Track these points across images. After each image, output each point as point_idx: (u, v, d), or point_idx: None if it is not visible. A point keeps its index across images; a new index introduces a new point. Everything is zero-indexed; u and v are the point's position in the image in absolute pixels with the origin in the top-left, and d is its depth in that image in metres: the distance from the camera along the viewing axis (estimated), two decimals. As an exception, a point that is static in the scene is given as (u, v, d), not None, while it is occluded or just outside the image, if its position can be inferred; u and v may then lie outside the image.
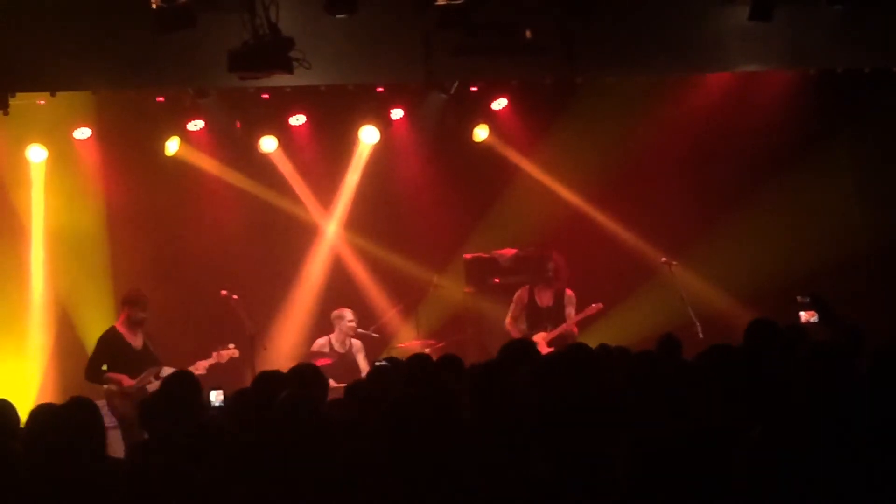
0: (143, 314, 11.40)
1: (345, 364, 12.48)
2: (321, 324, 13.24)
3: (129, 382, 11.13)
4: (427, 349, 12.02)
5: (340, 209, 14.05)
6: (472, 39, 10.81)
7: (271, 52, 9.78)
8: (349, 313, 12.77)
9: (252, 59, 9.84)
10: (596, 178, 13.99)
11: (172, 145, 12.89)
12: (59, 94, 11.45)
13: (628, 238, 14.14)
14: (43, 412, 5.66)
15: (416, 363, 7.54)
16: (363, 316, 13.27)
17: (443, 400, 5.77)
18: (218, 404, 8.33)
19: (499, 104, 13.60)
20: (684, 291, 12.60)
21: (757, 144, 14.12)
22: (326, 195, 14.00)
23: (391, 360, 7.96)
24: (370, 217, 14.06)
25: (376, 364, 7.87)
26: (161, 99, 12.45)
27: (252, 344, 12.15)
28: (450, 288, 13.66)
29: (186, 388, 6.66)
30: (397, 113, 13.59)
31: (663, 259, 12.90)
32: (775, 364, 6.21)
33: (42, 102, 11.83)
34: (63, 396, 8.55)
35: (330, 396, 7.25)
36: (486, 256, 13.70)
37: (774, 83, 13.65)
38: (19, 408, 6.33)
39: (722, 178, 14.16)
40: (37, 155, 12.71)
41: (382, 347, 13.15)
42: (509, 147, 14.08)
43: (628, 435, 3.80)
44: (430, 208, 14.03)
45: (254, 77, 10.44)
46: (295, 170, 13.79)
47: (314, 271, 14.01)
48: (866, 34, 12.13)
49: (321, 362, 11.79)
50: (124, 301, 11.55)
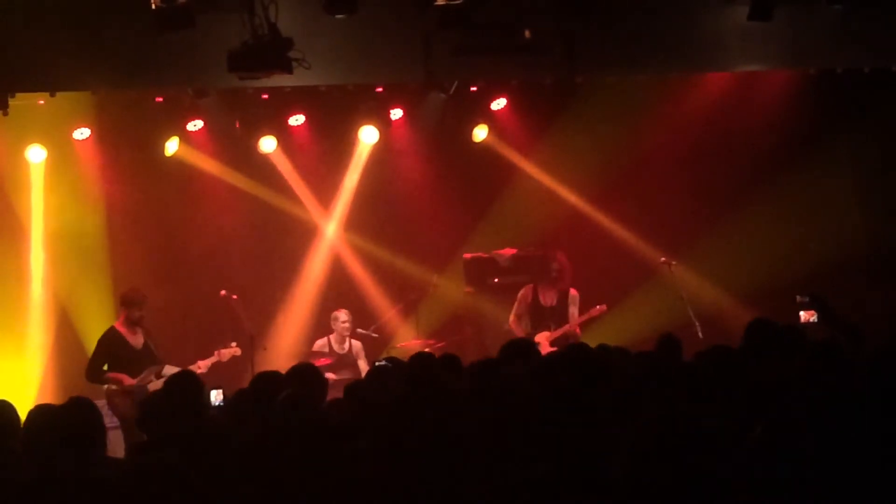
0: (140, 313, 11.40)
1: (344, 364, 12.48)
2: (321, 324, 13.23)
3: (130, 382, 11.14)
4: (427, 349, 12.02)
5: (340, 209, 14.05)
6: (472, 39, 10.79)
7: (271, 53, 9.77)
8: (343, 314, 12.78)
9: (251, 60, 9.83)
10: (595, 178, 13.99)
11: (172, 145, 12.89)
12: (59, 95, 11.46)
13: (628, 238, 14.13)
14: (41, 412, 5.65)
15: (418, 363, 7.54)
16: (363, 316, 13.27)
17: (442, 400, 5.77)
18: (218, 404, 8.33)
19: (498, 104, 13.61)
20: (684, 291, 12.60)
21: (756, 144, 14.12)
22: (326, 195, 14.00)
23: (391, 360, 7.95)
24: (370, 217, 14.06)
25: (376, 364, 7.86)
26: (160, 99, 12.45)
27: (252, 344, 12.15)
28: (449, 288, 13.66)
29: (188, 389, 6.65)
30: (397, 113, 13.58)
31: (663, 259, 12.90)
32: (775, 364, 6.22)
33: (42, 103, 11.83)
34: (63, 396, 8.53)
35: (329, 396, 7.25)
36: (486, 256, 13.70)
37: (774, 83, 13.64)
38: (19, 408, 6.32)
39: (721, 178, 14.16)
40: (36, 155, 12.71)
41: (382, 347, 13.15)
42: (509, 147, 14.07)
43: (628, 435, 3.80)
44: (430, 208, 14.03)
45: (253, 77, 10.44)
46: (294, 170, 13.78)
47: (314, 271, 14.00)
48: (866, 34, 12.12)
49: (321, 362, 11.80)
50: (122, 301, 11.56)
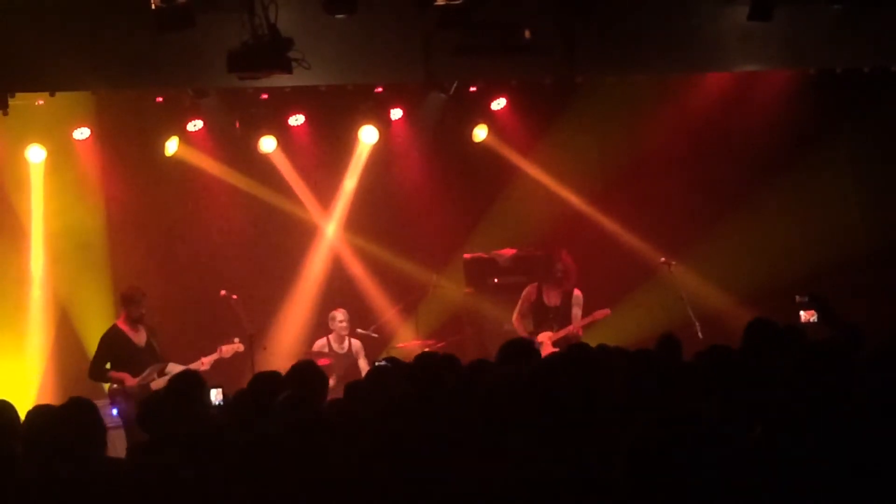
0: (140, 310, 11.39)
1: (344, 364, 12.47)
2: (321, 324, 13.23)
3: (132, 382, 11.13)
4: (426, 349, 12.02)
5: (340, 209, 14.05)
6: (472, 39, 10.79)
7: (270, 53, 9.78)
8: (340, 314, 12.77)
9: (251, 60, 9.83)
10: (595, 178, 14.00)
11: (172, 145, 12.89)
12: (59, 95, 11.45)
13: (627, 238, 14.13)
14: (40, 413, 5.65)
15: (421, 363, 7.53)
16: (363, 316, 13.27)
17: (443, 400, 5.78)
18: (217, 403, 8.33)
19: (498, 104, 13.61)
20: (684, 291, 12.60)
21: (756, 144, 14.12)
22: (326, 195, 14.00)
23: (391, 360, 7.95)
24: (369, 217, 14.06)
25: (376, 364, 7.85)
26: (160, 99, 12.45)
27: (251, 344, 12.15)
28: (449, 288, 13.65)
29: (190, 388, 6.65)
30: (396, 113, 13.58)
31: (662, 259, 12.89)
32: (775, 364, 6.22)
33: (41, 102, 11.82)
34: (63, 396, 8.53)
35: (329, 396, 7.25)
36: (486, 256, 13.70)
37: (774, 83, 13.65)
38: (19, 408, 6.32)
39: (721, 178, 14.16)
40: (36, 155, 12.70)
41: (382, 347, 13.15)
42: (508, 147, 14.08)
43: (628, 435, 3.80)
44: (430, 208, 14.04)
45: (253, 77, 10.45)
46: (294, 170, 13.78)
47: (314, 271, 14.00)
48: (865, 34, 12.13)
49: (321, 362, 11.78)
50: (122, 299, 11.55)
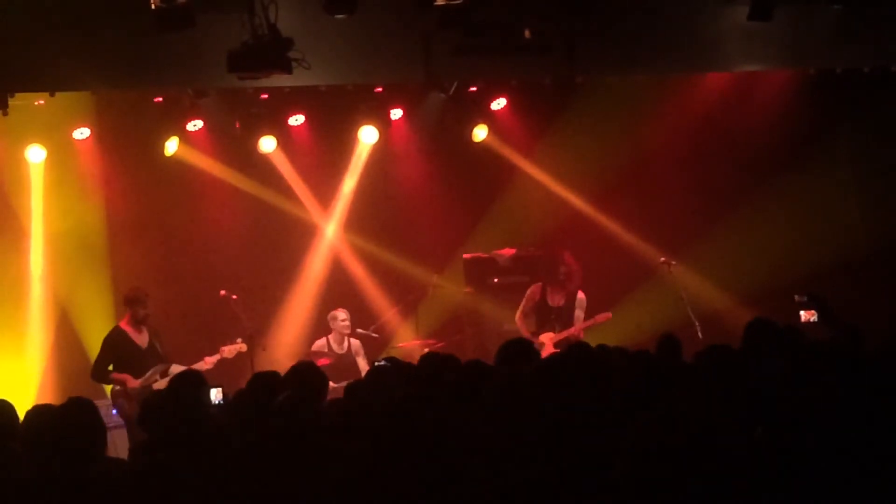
0: (145, 311, 11.39)
1: (344, 364, 12.47)
2: (320, 324, 13.22)
3: (134, 383, 11.12)
4: (426, 349, 12.01)
5: (340, 209, 14.05)
6: (472, 39, 10.79)
7: (270, 53, 9.77)
8: (342, 313, 12.76)
9: (251, 60, 9.83)
10: (595, 178, 13.98)
11: (172, 145, 12.88)
12: (59, 95, 11.45)
13: (627, 238, 14.13)
14: (39, 413, 5.65)
15: (423, 363, 7.53)
16: (362, 316, 13.26)
17: (442, 400, 5.77)
18: (217, 402, 8.33)
19: (498, 104, 13.60)
20: (684, 291, 12.59)
21: (756, 144, 14.12)
22: (326, 195, 14.00)
23: (390, 360, 7.95)
24: (369, 217, 14.05)
25: (376, 364, 7.86)
26: (160, 99, 12.45)
27: (251, 344, 12.14)
28: (449, 288, 13.65)
29: (191, 388, 6.65)
30: (396, 113, 13.58)
31: (662, 259, 12.88)
32: (775, 364, 6.22)
33: (41, 103, 11.82)
34: (62, 396, 8.52)
35: (329, 396, 7.25)
36: (486, 256, 13.70)
37: (774, 83, 13.65)
38: (19, 408, 6.32)
39: (721, 178, 14.16)
40: (36, 155, 12.70)
41: (382, 347, 13.14)
42: (508, 147, 14.07)
43: (628, 435, 3.80)
44: (430, 208, 14.03)
45: (253, 77, 10.45)
46: (294, 170, 13.77)
47: (313, 271, 13.99)
48: (865, 34, 12.13)
49: (320, 362, 11.78)
50: (126, 300, 11.54)
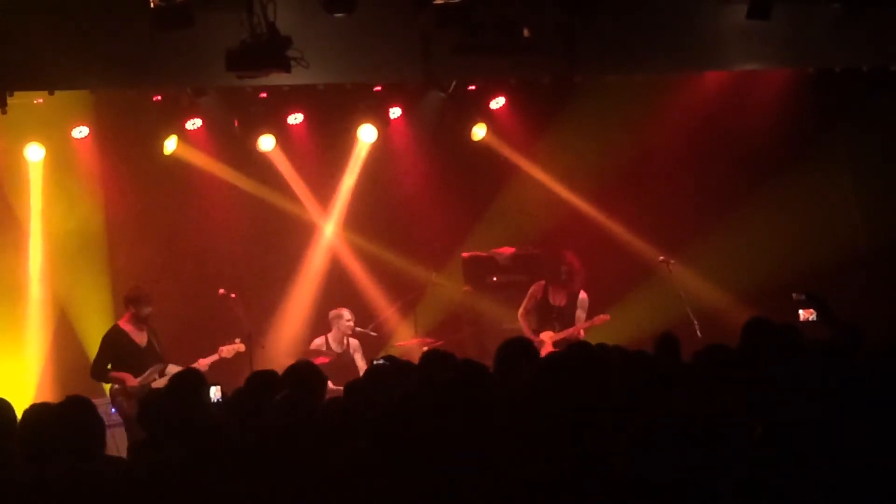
0: (150, 308, 11.39)
1: (342, 363, 12.46)
2: (319, 322, 13.22)
3: (133, 382, 11.12)
4: (425, 347, 12.01)
5: (338, 208, 14.05)
6: (471, 38, 10.79)
7: (269, 51, 9.77)
8: (347, 312, 12.75)
9: (250, 58, 9.83)
10: (594, 177, 13.99)
11: (170, 144, 12.88)
12: (58, 93, 11.43)
13: (626, 237, 14.13)
14: (36, 411, 5.65)
15: (424, 361, 7.54)
16: (361, 314, 13.26)
17: (441, 399, 5.77)
18: (216, 400, 8.33)
19: (497, 103, 13.60)
20: (682, 290, 12.59)
21: (755, 143, 14.13)
22: (324, 194, 14.00)
23: (389, 359, 7.95)
24: (368, 216, 14.06)
25: (374, 363, 7.86)
26: (159, 98, 12.43)
27: (250, 342, 12.14)
28: (448, 286, 13.65)
29: (191, 386, 6.65)
30: (395, 112, 13.57)
31: (661, 258, 12.87)
32: (773, 363, 6.22)
33: (40, 101, 11.81)
34: (61, 395, 8.50)
35: (328, 395, 7.25)
36: (485, 255, 13.71)
37: (773, 82, 13.65)
38: (17, 407, 6.32)
39: (720, 177, 14.17)
40: (35, 154, 12.69)
41: (380, 346, 13.14)
42: (507, 146, 14.07)
43: (628, 435, 3.80)
44: (428, 207, 14.03)
45: (252, 76, 10.45)
46: (293, 168, 13.77)
47: (312, 270, 14.00)
48: (864, 33, 12.14)
49: (319, 361, 11.77)
50: (128, 299, 11.52)
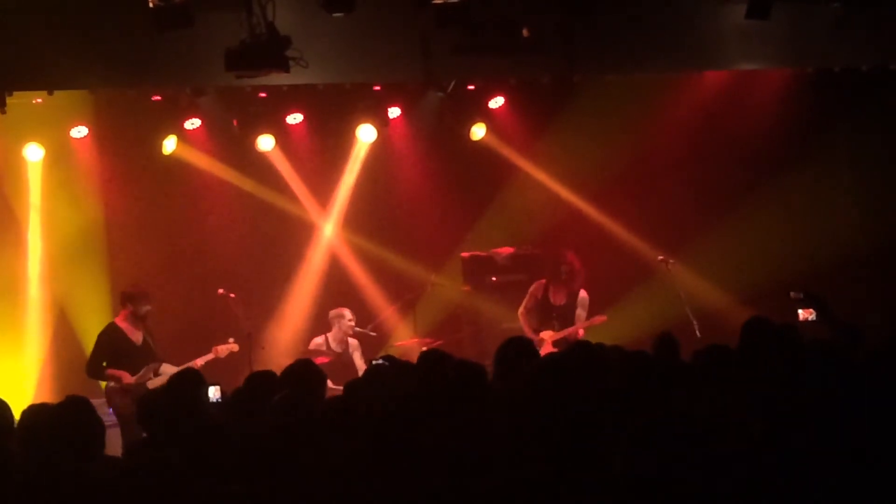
0: (148, 307, 11.37)
1: (342, 363, 12.46)
2: (319, 322, 13.22)
3: (130, 380, 11.12)
4: (424, 347, 12.01)
5: (338, 207, 14.05)
6: (470, 38, 10.79)
7: (268, 51, 9.77)
8: (348, 312, 12.75)
9: (249, 58, 9.83)
10: (593, 177, 13.98)
11: (170, 144, 12.87)
12: (57, 93, 11.42)
13: (626, 236, 14.13)
14: (36, 412, 5.64)
15: (422, 360, 7.54)
16: (360, 314, 13.26)
17: (441, 399, 5.77)
18: (216, 400, 8.32)
19: (496, 103, 13.59)
20: (682, 290, 12.57)
21: (754, 143, 14.12)
22: (324, 194, 13.99)
23: (388, 359, 7.95)
24: (368, 215, 14.05)
25: (373, 363, 7.85)
26: (158, 97, 12.42)
27: (249, 342, 12.13)
28: (447, 286, 13.64)
29: (190, 386, 6.64)
30: (394, 111, 13.56)
31: (661, 257, 12.85)
32: (773, 363, 6.22)
33: (39, 101, 11.80)
34: (60, 395, 8.51)
35: (328, 395, 7.25)
36: (484, 255, 13.70)
37: (772, 82, 13.65)
38: (16, 407, 6.32)
39: (719, 177, 14.16)
40: (34, 153, 12.68)
41: (380, 346, 13.13)
42: (506, 146, 14.06)
43: (627, 434, 3.80)
44: (428, 207, 14.03)
45: (251, 76, 10.44)
46: (292, 168, 13.76)
47: (312, 270, 13.99)
48: (864, 32, 12.14)
49: (318, 361, 11.76)
50: (125, 297, 11.50)
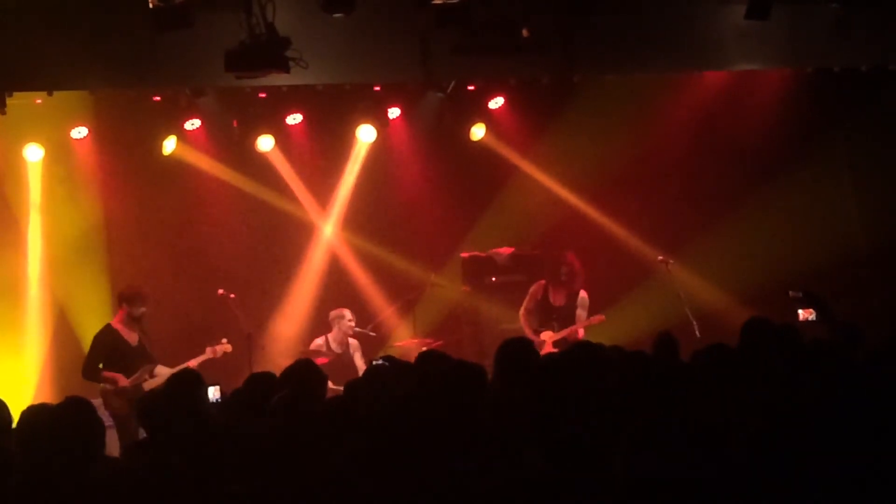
0: (143, 309, 11.36)
1: (342, 363, 12.46)
2: (318, 322, 13.22)
3: (125, 382, 11.11)
4: (424, 347, 12.01)
5: (337, 208, 14.05)
6: (470, 38, 10.80)
7: (268, 52, 9.78)
8: (349, 313, 12.75)
9: (249, 59, 9.84)
10: (592, 177, 13.98)
11: (169, 144, 12.88)
12: (57, 94, 11.42)
13: (625, 237, 14.14)
14: (35, 412, 5.64)
15: (420, 360, 7.55)
16: (360, 315, 13.26)
17: (441, 399, 5.77)
18: (215, 400, 8.33)
19: (496, 103, 13.60)
20: (682, 290, 12.58)
21: (754, 143, 14.13)
22: (323, 194, 14.00)
23: (388, 359, 7.95)
24: (367, 216, 14.06)
25: (373, 363, 7.86)
26: (158, 98, 12.43)
27: (249, 343, 12.13)
28: (447, 287, 13.64)
29: (190, 386, 6.64)
30: (394, 112, 13.57)
31: (660, 258, 12.85)
32: (772, 363, 6.23)
33: (39, 102, 11.80)
34: (60, 396, 8.52)
35: (328, 395, 7.25)
36: (484, 255, 13.70)
37: (772, 82, 13.66)
38: (16, 407, 6.32)
39: (719, 177, 14.17)
40: (34, 154, 12.68)
41: (379, 346, 13.13)
42: (506, 146, 14.07)
43: (627, 434, 3.80)
44: (427, 207, 14.04)
45: (251, 76, 10.45)
46: (292, 169, 13.77)
47: (311, 270, 14.00)
48: (863, 33, 12.14)
49: (318, 361, 11.76)
50: (122, 297, 11.49)
